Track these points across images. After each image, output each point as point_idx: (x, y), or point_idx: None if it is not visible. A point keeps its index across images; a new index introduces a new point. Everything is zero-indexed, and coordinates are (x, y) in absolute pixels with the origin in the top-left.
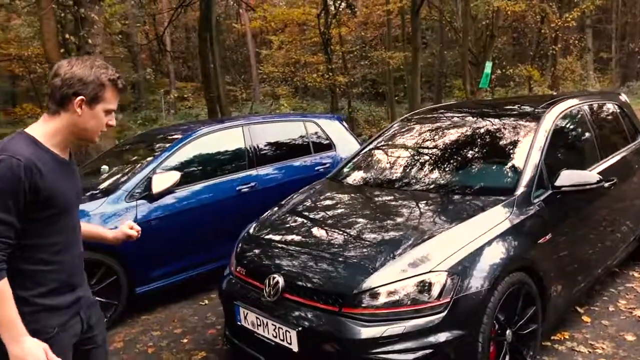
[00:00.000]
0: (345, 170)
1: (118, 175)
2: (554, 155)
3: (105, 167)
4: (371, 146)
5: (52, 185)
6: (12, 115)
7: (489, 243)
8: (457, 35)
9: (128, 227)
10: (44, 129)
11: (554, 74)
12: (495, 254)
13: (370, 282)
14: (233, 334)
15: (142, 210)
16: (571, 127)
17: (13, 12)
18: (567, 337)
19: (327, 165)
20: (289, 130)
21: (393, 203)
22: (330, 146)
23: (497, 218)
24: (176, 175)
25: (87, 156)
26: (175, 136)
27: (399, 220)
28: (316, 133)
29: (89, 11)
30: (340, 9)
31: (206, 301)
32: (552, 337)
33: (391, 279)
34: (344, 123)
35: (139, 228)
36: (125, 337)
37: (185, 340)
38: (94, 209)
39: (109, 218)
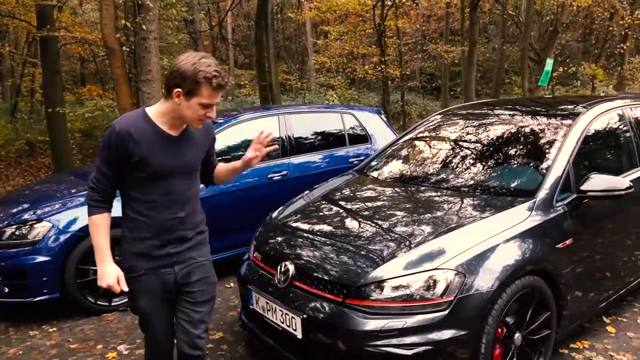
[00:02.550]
0: (373, 163)
1: None
2: (587, 158)
3: None
4: (400, 141)
5: (146, 152)
6: (78, 96)
7: (504, 243)
8: (519, 30)
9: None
10: (157, 109)
11: (620, 73)
12: (508, 255)
13: (375, 274)
14: (247, 318)
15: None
16: (610, 129)
17: None
18: (587, 346)
19: (362, 157)
20: (325, 121)
21: (413, 198)
22: (366, 139)
23: (515, 219)
24: None
25: None
26: (216, 121)
27: (416, 215)
28: (353, 125)
29: None
30: (398, 1)
31: (232, 284)
32: (571, 345)
33: (397, 273)
34: (383, 116)
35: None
36: None
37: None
38: None
39: None
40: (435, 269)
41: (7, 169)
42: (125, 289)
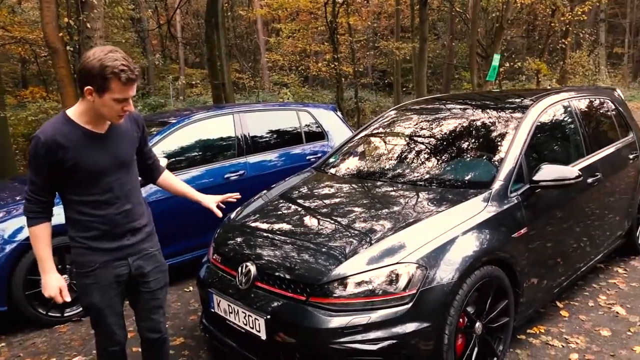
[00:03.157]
0: (331, 160)
1: None
2: (538, 149)
3: None
4: (357, 138)
5: (77, 156)
6: (19, 98)
7: (462, 235)
8: (467, 27)
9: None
10: (77, 109)
11: (562, 68)
12: (467, 246)
13: (338, 271)
14: (209, 321)
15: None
16: (558, 121)
17: None
18: (542, 330)
19: (319, 154)
20: (281, 119)
21: (372, 194)
22: (323, 136)
23: (472, 210)
24: (164, 162)
25: None
26: (169, 121)
27: (376, 210)
28: (309, 122)
29: None
30: None
31: (191, 288)
32: (528, 331)
33: (360, 269)
34: (339, 113)
35: (238, 196)
36: None
37: (166, 326)
38: None
39: None
40: (397, 263)
41: None
42: (68, 299)
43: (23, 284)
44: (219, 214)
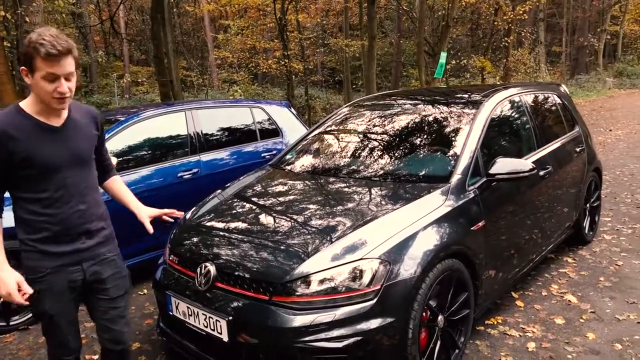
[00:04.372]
0: (288, 157)
1: None
2: (492, 143)
3: None
4: (315, 133)
5: (28, 149)
6: None
7: (423, 229)
8: (414, 25)
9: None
10: (29, 100)
11: (506, 65)
12: (428, 241)
13: (301, 269)
14: (167, 325)
15: None
16: (510, 116)
17: None
18: (500, 321)
19: (274, 151)
20: (235, 116)
21: (334, 190)
22: (277, 132)
23: (431, 205)
24: (112, 161)
25: None
26: (117, 119)
27: (336, 207)
28: (263, 119)
29: None
30: None
31: (145, 291)
32: (486, 322)
33: (323, 267)
34: (292, 110)
35: (180, 214)
36: None
37: (129, 335)
38: None
39: None
40: (360, 259)
41: None
42: (30, 291)
43: None
44: (150, 229)
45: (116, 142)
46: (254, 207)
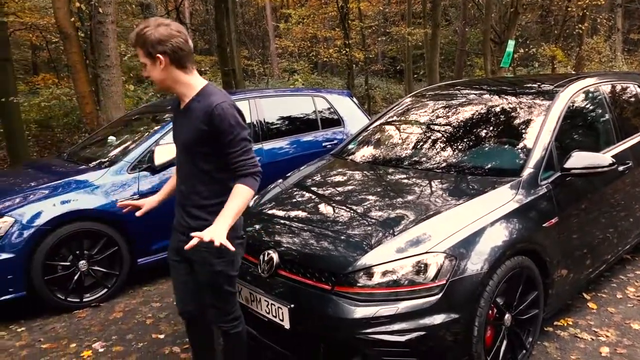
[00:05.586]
0: (350, 147)
1: (123, 146)
2: (567, 136)
3: (112, 138)
4: (377, 123)
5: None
6: (31, 85)
7: (491, 225)
8: (480, 12)
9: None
10: None
11: (579, 54)
12: (497, 236)
13: (364, 260)
14: None
15: (144, 182)
16: (587, 107)
17: None
18: (570, 323)
19: (335, 141)
20: (297, 105)
21: (396, 181)
22: (339, 122)
23: (501, 199)
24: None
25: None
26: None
27: (401, 198)
28: (325, 108)
29: None
30: None
31: None
32: (555, 323)
33: (387, 259)
34: (354, 99)
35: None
36: (126, 307)
37: None
38: (96, 179)
39: (111, 189)
40: (425, 252)
41: None
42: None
43: (42, 269)
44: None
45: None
46: (316, 197)
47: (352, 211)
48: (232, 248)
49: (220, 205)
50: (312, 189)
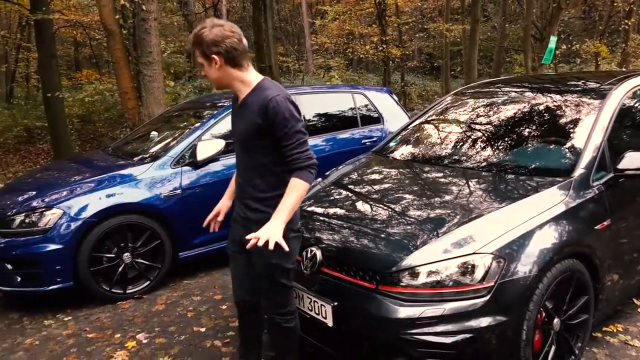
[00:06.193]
0: (392, 144)
1: (165, 142)
2: (619, 136)
3: (154, 133)
4: (420, 120)
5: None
6: (74, 81)
7: (540, 227)
8: (520, 8)
9: None
10: None
11: (624, 50)
12: (547, 238)
13: (410, 260)
14: None
15: (187, 177)
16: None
17: None
18: (620, 329)
19: (375, 138)
20: (336, 102)
21: (440, 180)
22: (378, 119)
23: (550, 200)
24: (221, 143)
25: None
26: (222, 104)
27: (446, 198)
28: (365, 105)
29: None
30: None
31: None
32: (604, 329)
33: (433, 259)
34: (394, 96)
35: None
36: (167, 300)
37: (224, 307)
38: (140, 173)
39: (154, 183)
40: (473, 253)
41: (6, 155)
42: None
43: (88, 260)
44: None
45: (225, 125)
46: (357, 195)
47: (394, 210)
48: (286, 248)
49: (278, 198)
50: (353, 186)
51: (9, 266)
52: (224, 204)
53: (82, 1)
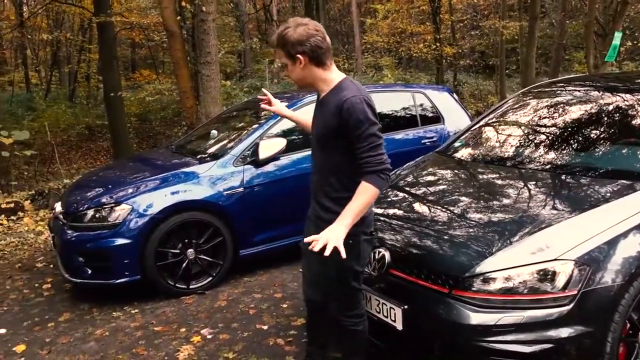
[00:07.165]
0: (457, 144)
1: (226, 140)
2: None
3: (214, 132)
4: (485, 120)
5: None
6: (131, 81)
7: (625, 235)
8: (582, 3)
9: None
10: None
11: None
12: (632, 246)
13: (485, 266)
14: None
15: (249, 175)
16: None
17: None
18: None
19: (435, 138)
20: (396, 101)
21: (511, 183)
22: (438, 119)
23: (634, 206)
24: (282, 142)
25: (197, 121)
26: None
27: (519, 202)
28: (424, 105)
29: None
30: None
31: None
32: None
33: (509, 265)
34: (454, 95)
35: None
36: (229, 296)
37: (285, 305)
38: (203, 171)
39: (217, 181)
40: (553, 260)
41: (69, 152)
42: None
43: (154, 255)
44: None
45: (284, 125)
46: (424, 197)
47: (466, 213)
48: (343, 255)
49: (350, 199)
50: (418, 188)
51: (81, 259)
52: (283, 108)
53: (140, 4)
